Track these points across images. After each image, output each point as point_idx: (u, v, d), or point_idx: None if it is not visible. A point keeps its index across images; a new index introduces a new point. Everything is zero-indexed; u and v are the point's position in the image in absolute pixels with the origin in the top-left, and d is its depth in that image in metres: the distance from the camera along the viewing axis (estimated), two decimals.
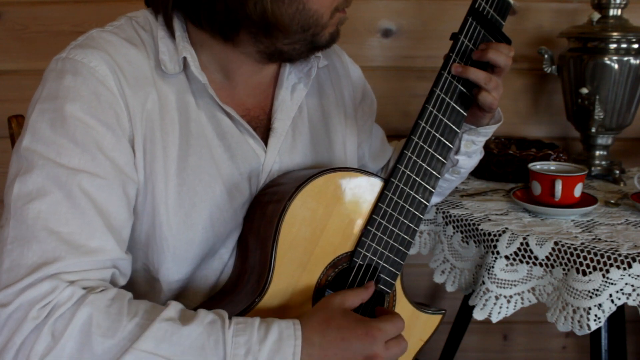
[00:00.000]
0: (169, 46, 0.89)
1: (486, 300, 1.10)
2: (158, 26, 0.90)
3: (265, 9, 0.84)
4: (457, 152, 1.08)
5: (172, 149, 0.87)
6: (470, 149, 1.07)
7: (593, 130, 1.48)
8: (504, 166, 1.43)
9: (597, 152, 1.52)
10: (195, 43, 0.90)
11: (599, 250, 1.02)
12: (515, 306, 1.10)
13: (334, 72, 1.09)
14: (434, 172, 0.93)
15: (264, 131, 0.96)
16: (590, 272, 1.01)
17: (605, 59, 1.43)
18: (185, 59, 0.88)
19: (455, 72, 0.92)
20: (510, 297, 1.10)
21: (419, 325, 1.02)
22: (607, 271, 1.00)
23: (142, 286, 0.91)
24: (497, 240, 1.10)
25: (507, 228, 1.12)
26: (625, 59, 1.42)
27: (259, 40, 0.88)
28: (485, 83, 0.93)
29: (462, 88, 0.94)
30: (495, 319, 1.10)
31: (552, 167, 1.28)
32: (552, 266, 1.07)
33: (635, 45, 1.43)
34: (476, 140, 1.07)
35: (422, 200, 0.93)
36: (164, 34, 0.89)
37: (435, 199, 1.23)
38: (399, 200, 0.91)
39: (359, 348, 0.79)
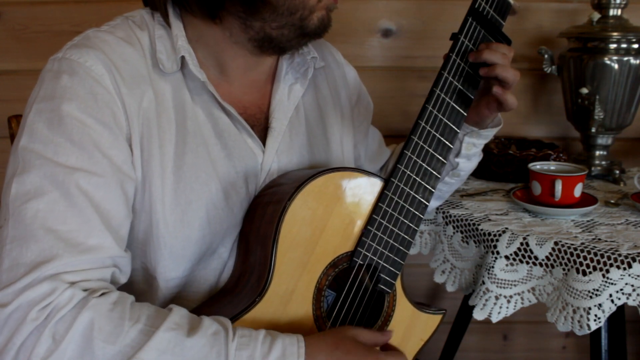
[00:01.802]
0: (166, 45, 0.89)
1: (486, 300, 1.10)
2: (155, 25, 0.91)
3: None
4: (457, 154, 1.08)
5: (168, 147, 0.87)
6: (470, 152, 1.08)
7: (593, 130, 1.48)
8: (504, 166, 1.43)
9: (597, 152, 1.52)
10: (192, 39, 0.91)
11: (599, 250, 1.02)
12: (515, 306, 1.10)
13: (330, 73, 1.10)
14: (434, 172, 0.93)
15: (261, 130, 0.97)
16: (590, 272, 1.01)
17: (605, 59, 1.43)
18: (183, 57, 0.89)
19: (472, 59, 0.93)
20: (510, 297, 1.10)
21: (419, 325, 1.02)
22: (607, 271, 1.00)
23: (140, 285, 0.91)
24: (497, 240, 1.10)
25: (507, 228, 1.12)
26: (625, 59, 1.42)
27: (248, 24, 0.88)
28: (502, 60, 0.92)
29: (462, 88, 0.94)
30: (495, 319, 1.10)
31: (552, 167, 1.28)
32: (552, 266, 1.07)
33: (635, 45, 1.43)
34: (477, 143, 1.08)
35: (422, 200, 0.93)
36: (162, 33, 0.90)
37: (435, 203, 1.23)
38: (399, 200, 0.91)
39: None
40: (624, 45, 1.43)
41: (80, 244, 0.77)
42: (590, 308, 1.01)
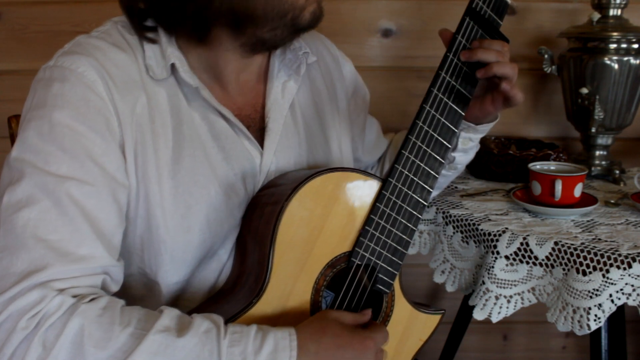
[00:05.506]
0: (155, 51, 0.88)
1: (486, 300, 1.10)
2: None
3: (232, 3, 0.83)
4: (454, 149, 1.09)
5: (164, 152, 0.86)
6: (467, 146, 1.09)
7: (593, 130, 1.48)
8: (504, 166, 1.43)
9: (597, 152, 1.52)
10: (182, 46, 0.90)
11: (599, 250, 1.02)
12: (515, 306, 1.10)
13: (325, 67, 1.08)
14: (432, 172, 0.93)
15: (257, 130, 0.96)
16: (590, 272, 1.01)
17: (605, 59, 1.42)
18: (173, 64, 0.88)
19: (464, 58, 0.92)
20: (510, 297, 1.10)
21: (418, 325, 1.02)
22: (607, 271, 1.00)
23: (138, 290, 0.91)
24: (497, 240, 1.10)
25: (507, 228, 1.12)
26: (625, 59, 1.42)
27: (237, 36, 0.87)
28: (497, 58, 0.91)
29: (459, 87, 0.94)
30: (495, 319, 1.10)
31: (552, 167, 1.27)
32: (552, 266, 1.06)
33: (635, 45, 1.43)
34: (473, 138, 1.08)
35: (420, 200, 0.93)
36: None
37: (432, 193, 1.22)
38: (397, 200, 0.91)
39: (354, 356, 0.80)
40: (624, 45, 1.42)
41: (71, 253, 0.76)
42: (590, 308, 1.00)
